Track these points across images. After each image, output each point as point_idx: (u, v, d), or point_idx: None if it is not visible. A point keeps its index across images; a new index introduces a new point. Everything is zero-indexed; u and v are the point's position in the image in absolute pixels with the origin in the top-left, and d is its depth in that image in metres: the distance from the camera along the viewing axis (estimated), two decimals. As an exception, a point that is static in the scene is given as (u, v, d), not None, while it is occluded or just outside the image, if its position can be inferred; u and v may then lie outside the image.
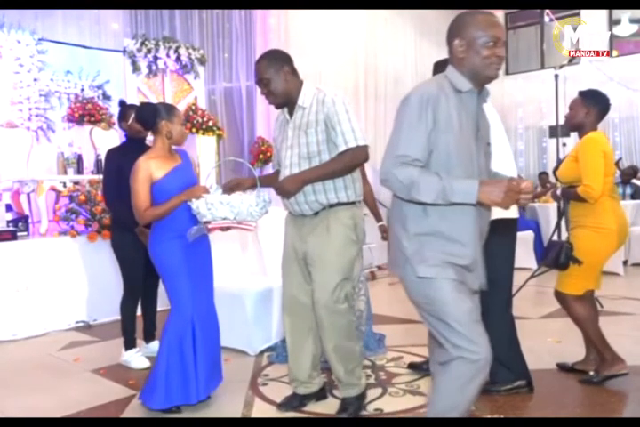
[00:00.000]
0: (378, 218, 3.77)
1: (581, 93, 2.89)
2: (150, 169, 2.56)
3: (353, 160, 2.43)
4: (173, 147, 2.74)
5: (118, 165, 3.17)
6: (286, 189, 2.44)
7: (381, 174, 1.78)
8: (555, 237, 3.04)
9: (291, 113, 2.55)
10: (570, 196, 2.81)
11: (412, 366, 3.13)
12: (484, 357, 1.77)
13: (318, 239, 2.47)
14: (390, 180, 1.75)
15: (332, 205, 2.47)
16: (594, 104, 2.82)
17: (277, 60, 2.50)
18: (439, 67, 2.88)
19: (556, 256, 2.79)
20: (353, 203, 2.52)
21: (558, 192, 2.92)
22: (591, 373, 2.88)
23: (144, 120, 2.67)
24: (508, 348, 2.67)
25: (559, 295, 2.88)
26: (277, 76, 2.48)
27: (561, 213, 2.93)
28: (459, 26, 1.83)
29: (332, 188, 2.46)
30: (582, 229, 2.79)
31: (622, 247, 6.01)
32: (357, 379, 2.58)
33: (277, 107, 2.59)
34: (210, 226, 2.47)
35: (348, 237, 2.47)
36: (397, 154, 1.74)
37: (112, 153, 3.36)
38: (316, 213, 2.50)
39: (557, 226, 2.98)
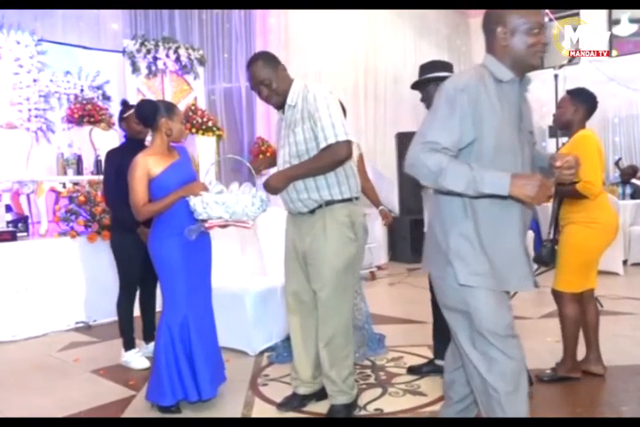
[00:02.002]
0: (377, 204, 3.66)
1: (569, 92, 2.91)
2: (148, 166, 2.57)
3: (333, 156, 2.38)
4: (172, 144, 2.74)
5: (118, 166, 3.16)
6: (272, 185, 2.46)
7: (408, 159, 1.72)
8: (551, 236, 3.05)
9: (284, 112, 2.55)
10: (567, 193, 2.80)
11: (411, 369, 3.10)
12: (518, 369, 1.75)
13: (316, 239, 2.47)
14: (417, 165, 1.69)
15: (327, 203, 2.46)
16: (582, 102, 2.83)
17: (271, 61, 2.50)
18: (425, 69, 2.89)
19: (538, 253, 2.83)
20: (349, 200, 2.49)
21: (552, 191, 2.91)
22: (548, 371, 2.91)
23: (144, 117, 2.67)
24: None
25: (555, 293, 2.89)
26: (276, 75, 2.47)
27: (555, 212, 2.93)
28: (499, 14, 1.77)
29: (324, 184, 2.43)
30: (574, 226, 2.79)
31: (621, 247, 6.09)
32: (350, 388, 2.54)
33: (279, 107, 2.57)
34: (207, 224, 2.48)
35: (345, 235, 2.46)
36: (427, 140, 1.68)
37: (112, 154, 3.36)
38: (313, 212, 2.48)
39: (552, 224, 2.98)
